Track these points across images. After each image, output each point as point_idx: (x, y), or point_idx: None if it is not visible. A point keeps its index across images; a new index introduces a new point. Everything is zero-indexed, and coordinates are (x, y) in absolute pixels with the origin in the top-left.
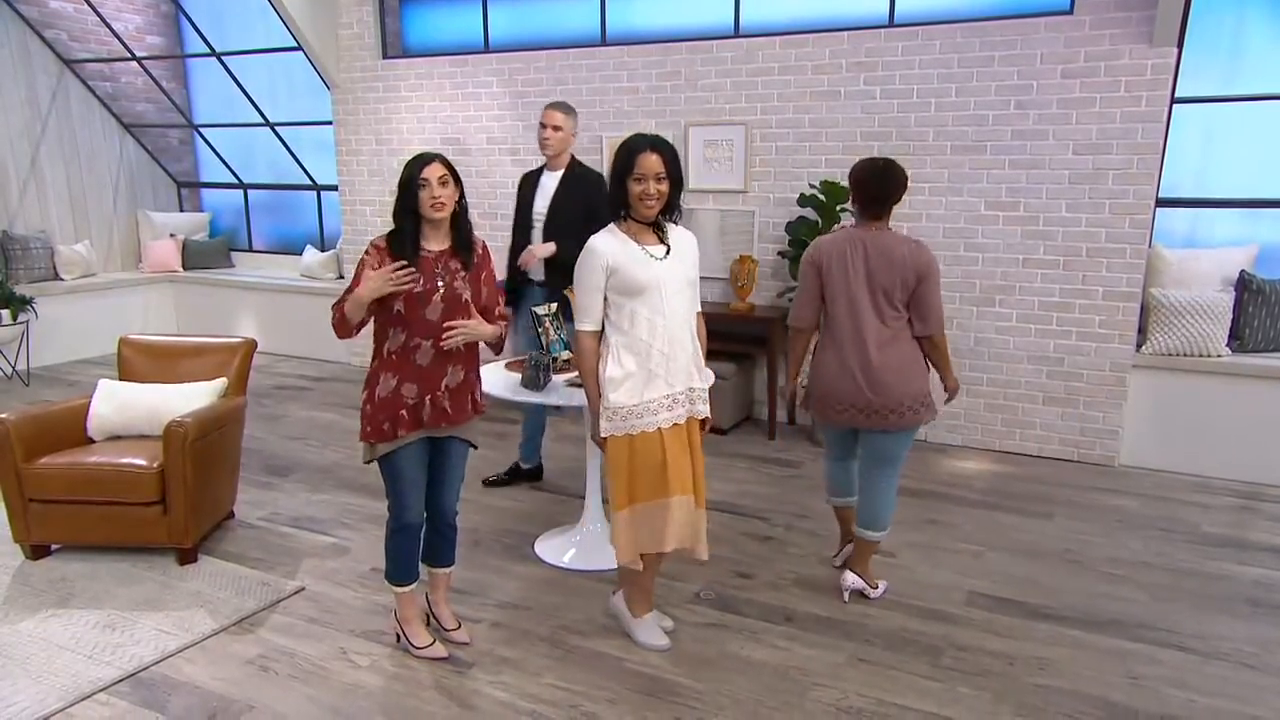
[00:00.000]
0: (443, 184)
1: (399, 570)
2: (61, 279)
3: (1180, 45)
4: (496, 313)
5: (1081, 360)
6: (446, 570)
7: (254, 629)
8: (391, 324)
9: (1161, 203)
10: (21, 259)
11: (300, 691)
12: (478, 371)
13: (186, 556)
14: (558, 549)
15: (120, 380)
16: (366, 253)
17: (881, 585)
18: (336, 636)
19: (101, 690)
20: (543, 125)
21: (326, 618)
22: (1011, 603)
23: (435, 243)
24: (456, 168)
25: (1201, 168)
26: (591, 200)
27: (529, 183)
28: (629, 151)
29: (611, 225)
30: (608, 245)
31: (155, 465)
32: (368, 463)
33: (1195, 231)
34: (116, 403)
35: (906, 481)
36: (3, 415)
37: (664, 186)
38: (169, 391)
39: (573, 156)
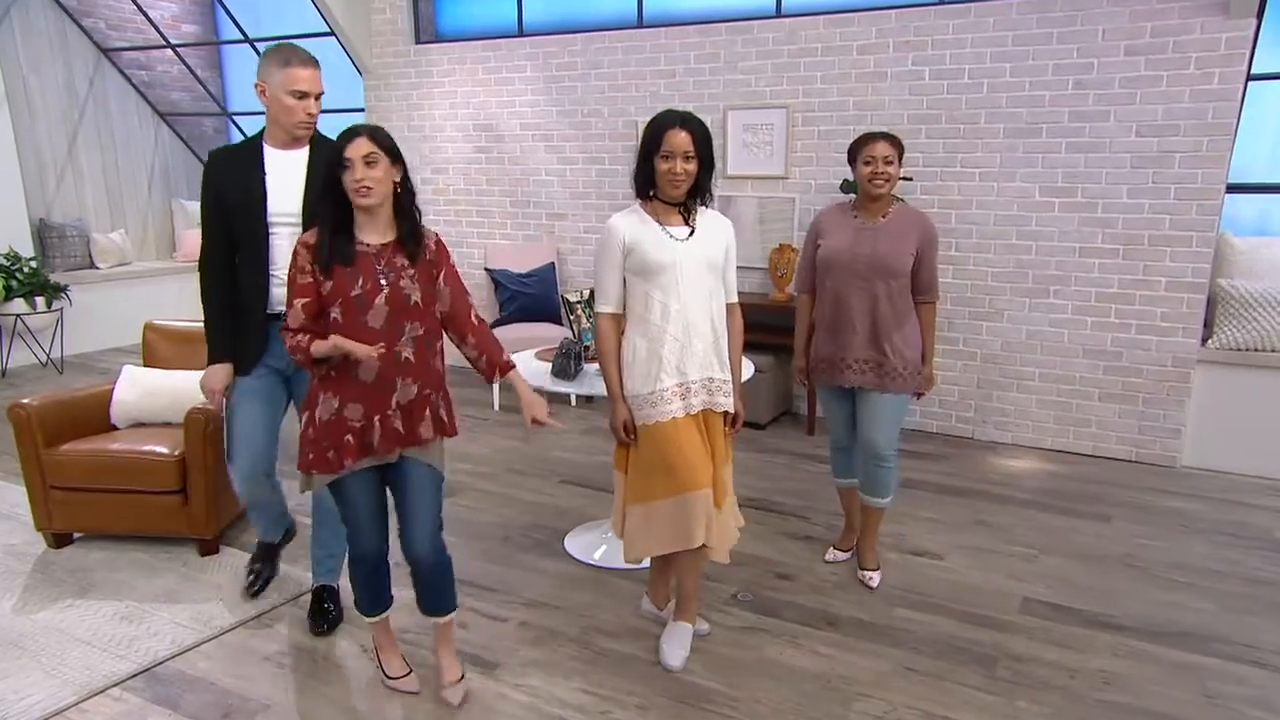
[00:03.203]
0: (369, 164)
1: (363, 600)
2: (97, 267)
3: (1260, 17)
4: (476, 324)
5: (1141, 355)
6: (441, 619)
7: (273, 624)
8: (327, 334)
9: (1231, 188)
10: (58, 246)
11: (318, 690)
12: (442, 387)
13: (208, 548)
14: (588, 546)
15: (145, 366)
16: (296, 253)
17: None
18: (356, 634)
19: (115, 685)
20: (302, 95)
21: (346, 615)
22: (1070, 610)
23: (374, 235)
24: (490, 153)
25: (1277, 150)
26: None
27: (240, 168)
28: (657, 128)
29: (635, 203)
30: (625, 223)
31: (176, 453)
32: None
33: (1268, 219)
34: (139, 389)
35: (952, 480)
36: (25, 400)
37: (692, 166)
38: (192, 378)
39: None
